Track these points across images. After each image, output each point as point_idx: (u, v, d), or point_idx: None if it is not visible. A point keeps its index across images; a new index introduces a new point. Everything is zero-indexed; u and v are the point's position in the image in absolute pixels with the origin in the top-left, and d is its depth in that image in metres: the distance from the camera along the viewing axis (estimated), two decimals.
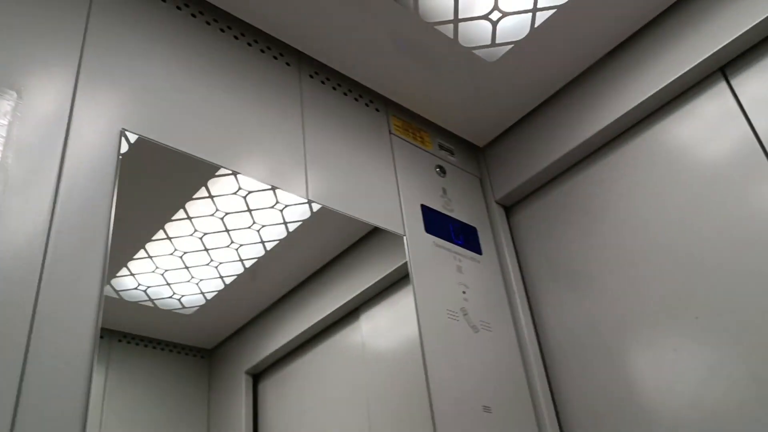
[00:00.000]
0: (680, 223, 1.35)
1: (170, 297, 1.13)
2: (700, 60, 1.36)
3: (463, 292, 1.45)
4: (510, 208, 1.73)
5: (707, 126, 1.37)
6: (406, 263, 1.36)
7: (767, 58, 1.32)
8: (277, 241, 1.21)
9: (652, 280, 1.36)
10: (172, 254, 1.11)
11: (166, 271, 1.11)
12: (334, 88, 1.50)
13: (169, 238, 1.10)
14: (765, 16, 1.28)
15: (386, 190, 1.45)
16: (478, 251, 1.56)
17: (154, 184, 1.09)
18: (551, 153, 1.60)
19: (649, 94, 1.43)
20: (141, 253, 1.08)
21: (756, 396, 1.16)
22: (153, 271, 1.10)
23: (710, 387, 1.21)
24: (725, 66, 1.38)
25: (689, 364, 1.25)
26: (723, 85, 1.37)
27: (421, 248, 1.43)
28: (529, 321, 1.55)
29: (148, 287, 1.10)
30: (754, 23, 1.30)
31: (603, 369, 1.38)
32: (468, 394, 1.28)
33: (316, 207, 1.28)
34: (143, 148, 1.08)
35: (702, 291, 1.27)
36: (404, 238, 1.41)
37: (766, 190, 1.25)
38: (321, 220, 1.28)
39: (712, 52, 1.35)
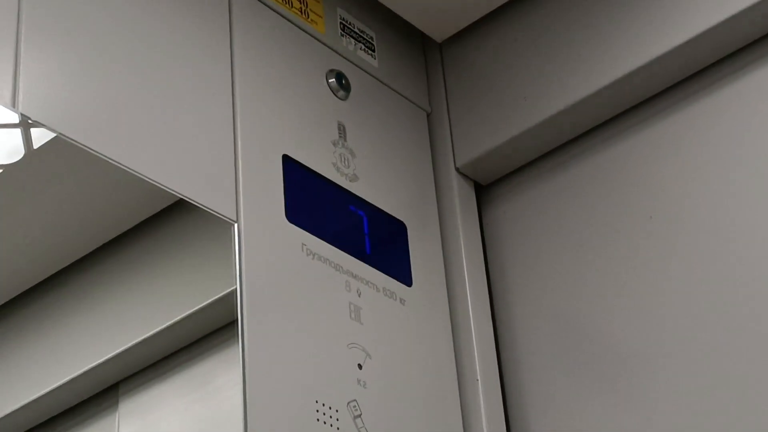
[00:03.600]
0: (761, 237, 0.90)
1: None
2: None
3: (359, 367, 0.79)
4: (486, 188, 1.03)
5: None
6: (233, 291, 0.73)
7: None
8: None
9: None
10: None
11: None
12: None
13: None
14: None
15: (208, 117, 0.80)
16: (406, 278, 0.90)
17: None
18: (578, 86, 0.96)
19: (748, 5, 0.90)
20: None
21: None
22: None
23: None
24: None
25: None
26: None
27: (272, 255, 0.78)
28: None
29: None
30: None
31: None
32: None
33: (43, 138, 0.74)
34: None
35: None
36: (234, 227, 0.77)
37: None
38: (56, 167, 0.79)
39: None
